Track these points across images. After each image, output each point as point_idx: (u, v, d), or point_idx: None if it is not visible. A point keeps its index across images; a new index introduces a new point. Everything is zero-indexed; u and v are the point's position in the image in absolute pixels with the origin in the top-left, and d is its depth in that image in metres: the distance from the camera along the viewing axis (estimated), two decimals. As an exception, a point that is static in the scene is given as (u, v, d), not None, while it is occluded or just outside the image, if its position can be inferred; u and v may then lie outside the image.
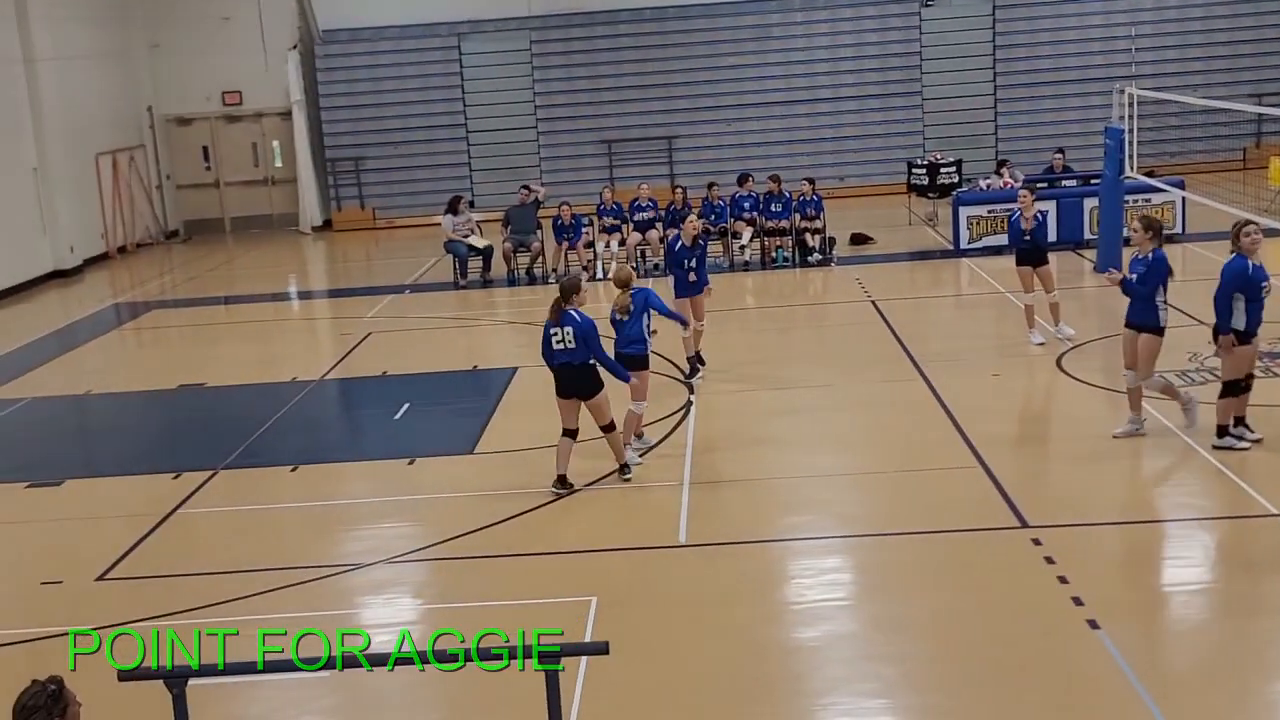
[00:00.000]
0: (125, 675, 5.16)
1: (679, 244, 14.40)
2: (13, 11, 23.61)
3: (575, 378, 10.91)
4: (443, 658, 5.36)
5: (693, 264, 14.31)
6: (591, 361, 10.90)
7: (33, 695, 4.87)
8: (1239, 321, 10.81)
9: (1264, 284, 10.87)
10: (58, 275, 24.34)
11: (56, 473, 12.61)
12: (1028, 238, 14.72)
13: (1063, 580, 8.77)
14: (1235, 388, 11.02)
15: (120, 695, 5.79)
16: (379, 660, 5.47)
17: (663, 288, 15.50)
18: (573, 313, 10.89)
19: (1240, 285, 10.78)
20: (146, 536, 10.76)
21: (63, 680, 4.93)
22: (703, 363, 14.60)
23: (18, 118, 23.72)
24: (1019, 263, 14.89)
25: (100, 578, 9.97)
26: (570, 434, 11.10)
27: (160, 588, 9.77)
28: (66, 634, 8.82)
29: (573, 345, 10.82)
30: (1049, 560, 9.11)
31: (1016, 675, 7.65)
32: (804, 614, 8.74)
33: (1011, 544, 9.52)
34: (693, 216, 15.19)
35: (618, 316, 11.74)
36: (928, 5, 28.67)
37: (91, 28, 26.82)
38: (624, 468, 11.29)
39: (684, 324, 13.65)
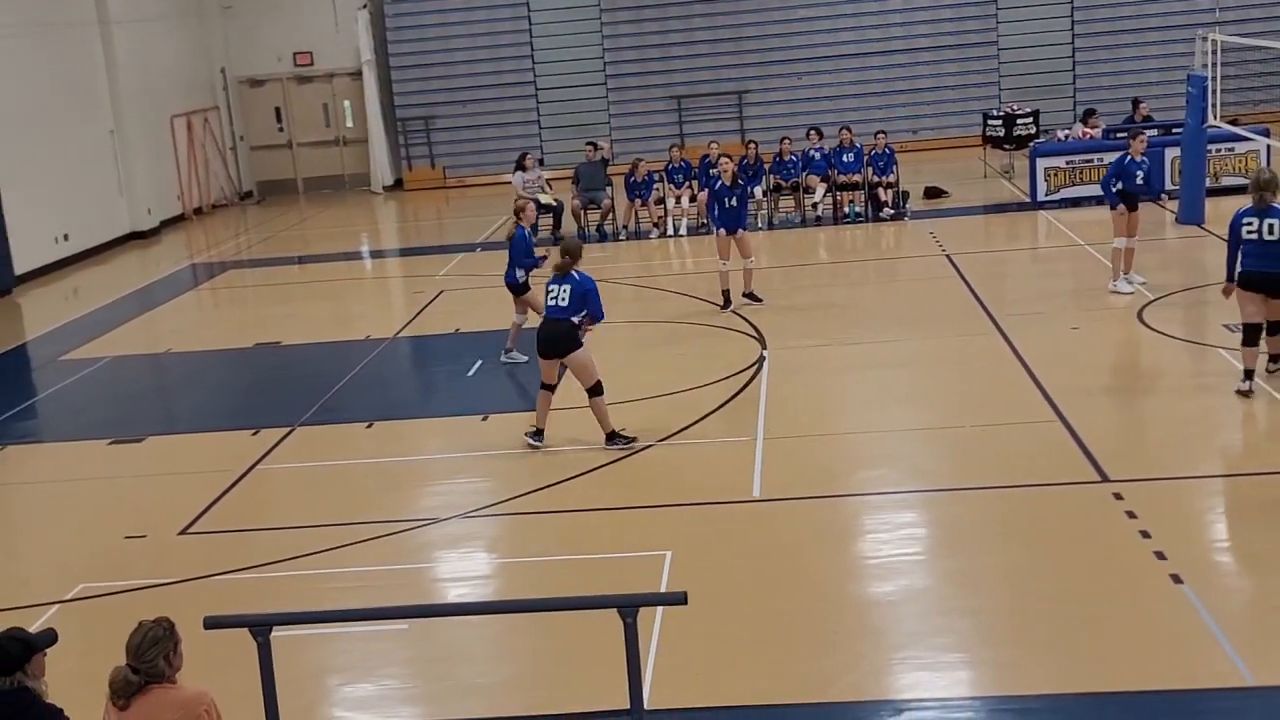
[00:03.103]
0: (211, 623, 5.24)
1: (719, 183, 15.50)
2: (88, -25, 23.86)
3: (557, 334, 11.06)
4: (521, 608, 5.37)
5: (733, 201, 15.40)
6: (575, 320, 11.05)
7: (150, 629, 5.13)
8: None
9: None
10: (136, 236, 24.67)
11: (138, 430, 12.81)
12: (1139, 181, 14.78)
13: (1145, 535, 8.64)
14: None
15: (206, 643, 5.87)
16: (457, 612, 5.50)
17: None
18: (574, 273, 11.11)
19: None
20: (226, 492, 10.92)
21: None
22: (759, 299, 15.58)
23: (94, 80, 24.02)
24: (1115, 205, 14.84)
25: (182, 532, 10.14)
26: (549, 389, 11.30)
27: (240, 542, 9.92)
28: (152, 586, 8.99)
29: (565, 303, 11.03)
30: (1130, 515, 8.97)
31: (1096, 630, 7.55)
32: (879, 568, 8.68)
33: (1092, 498, 9.39)
34: (725, 159, 16.30)
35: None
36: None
37: (165, -10, 27.06)
38: (612, 435, 11.20)
39: (537, 266, 13.84)
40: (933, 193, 22.26)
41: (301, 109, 29.88)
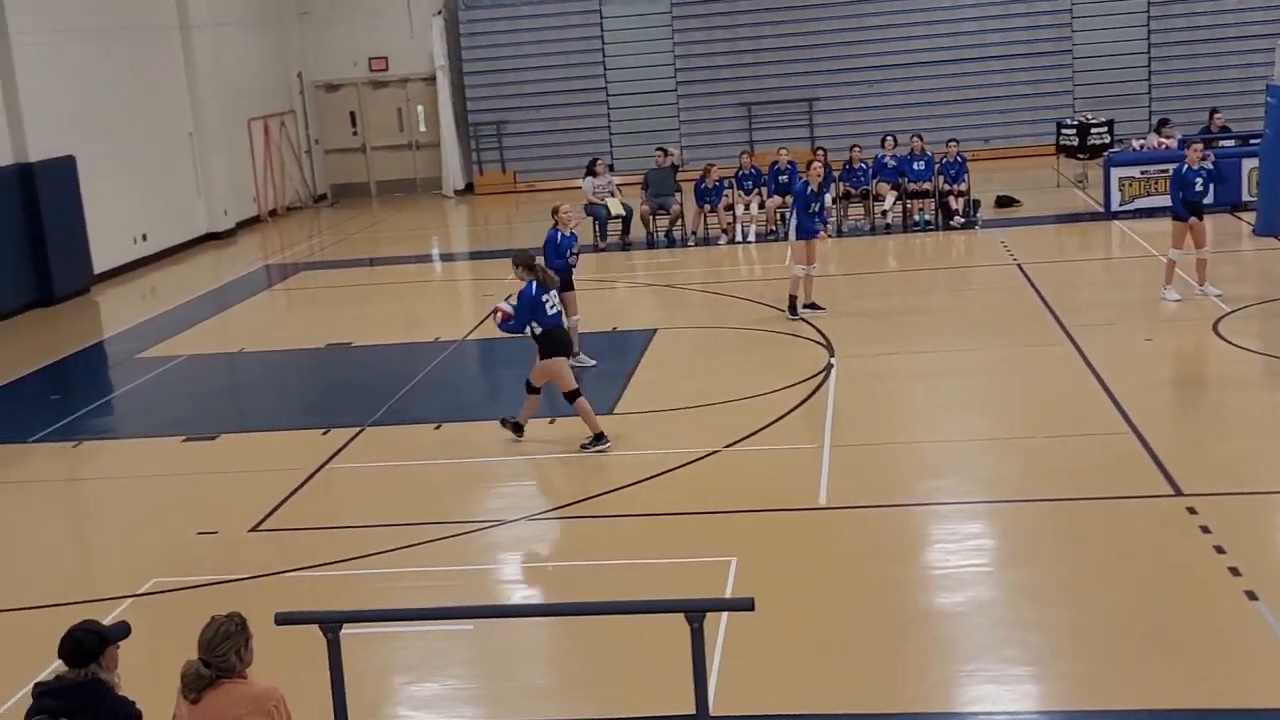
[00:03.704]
0: (282, 619, 5.30)
1: (808, 188, 15.36)
2: (169, -20, 24.28)
3: (567, 335, 11.87)
4: (587, 611, 5.38)
5: (816, 208, 15.44)
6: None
7: (222, 624, 5.21)
8: None
9: None
10: (212, 237, 25.04)
11: (211, 427, 12.99)
12: (1199, 189, 14.61)
13: (1219, 550, 8.50)
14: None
15: (274, 639, 5.94)
16: (523, 613, 5.53)
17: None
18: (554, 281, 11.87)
19: None
20: (297, 490, 11.04)
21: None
22: (821, 308, 15.42)
23: (174, 83, 24.42)
24: (1179, 216, 14.63)
25: (253, 529, 10.27)
26: (577, 393, 11.58)
27: (310, 540, 10.03)
28: (222, 582, 9.12)
29: (557, 306, 11.72)
30: (1204, 529, 8.83)
31: (1169, 646, 7.44)
32: (947, 579, 8.61)
33: (1164, 512, 9.25)
34: (816, 164, 16.07)
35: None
36: (1078, -40, 27.80)
37: (243, -5, 27.49)
38: (517, 426, 11.79)
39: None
40: (1004, 202, 22.05)
41: (376, 113, 30.20)
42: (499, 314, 11.87)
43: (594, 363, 13.96)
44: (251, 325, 18.25)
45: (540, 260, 13.06)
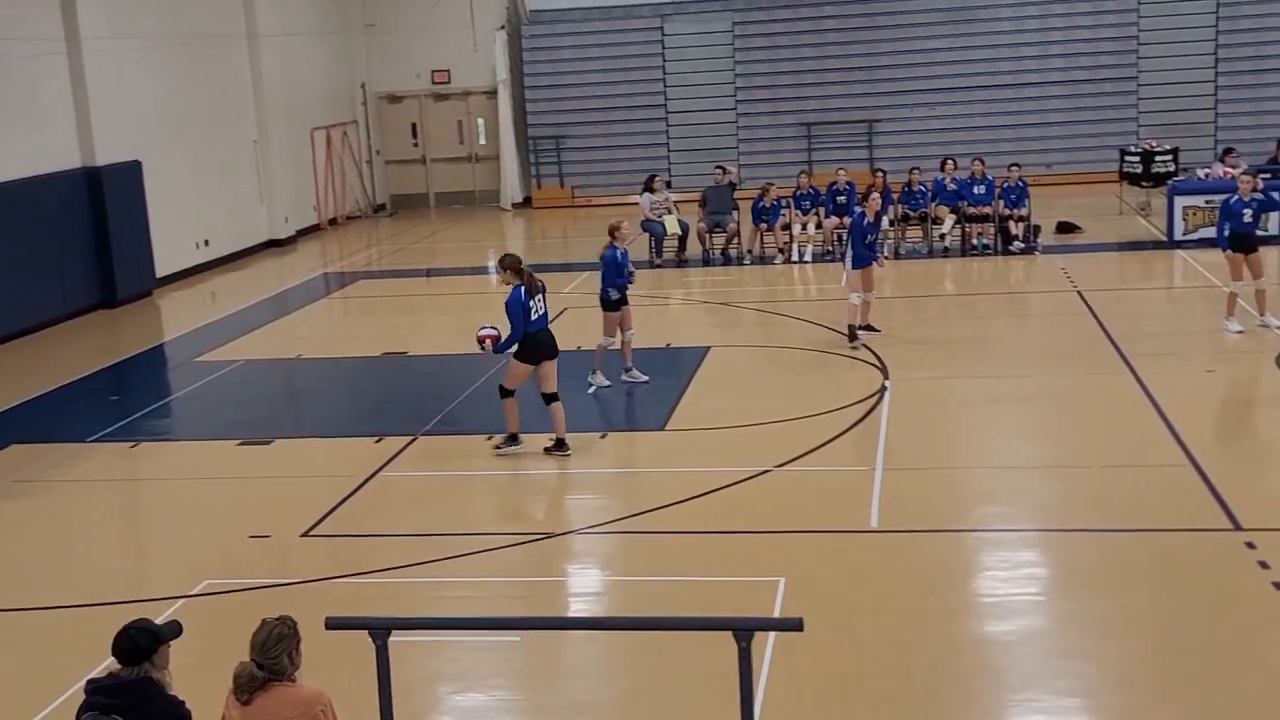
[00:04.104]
0: (332, 623, 5.33)
1: (865, 220, 15.23)
2: (239, -10, 24.63)
3: (551, 339, 11.88)
4: (635, 626, 5.37)
5: (873, 237, 15.44)
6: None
7: (275, 626, 5.26)
8: None
9: None
10: (273, 244, 25.30)
11: (267, 432, 13.10)
12: (1248, 220, 14.46)
13: (1278, 586, 8.35)
14: None
15: (324, 644, 5.98)
16: (573, 626, 5.52)
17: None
18: (540, 284, 11.93)
19: None
20: (349, 497, 11.11)
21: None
22: (876, 330, 15.43)
23: (240, 92, 24.73)
24: (1231, 248, 14.55)
25: (305, 534, 10.34)
26: (555, 395, 11.80)
27: (361, 546, 10.08)
28: (273, 586, 9.19)
29: (544, 309, 11.88)
30: (1263, 565, 8.69)
31: (1225, 682, 7.32)
32: (998, 607, 8.53)
33: (1222, 546, 9.12)
34: (875, 195, 16.16)
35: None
36: (1147, -13, 27.55)
37: (311, 7, 27.80)
38: (512, 436, 11.90)
39: (628, 283, 13.94)
40: (1065, 228, 21.86)
41: (436, 125, 30.42)
42: (488, 341, 11.83)
43: (646, 379, 13.97)
44: (309, 332, 18.41)
45: (605, 290, 13.21)
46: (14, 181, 18.15)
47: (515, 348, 11.75)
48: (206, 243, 23.19)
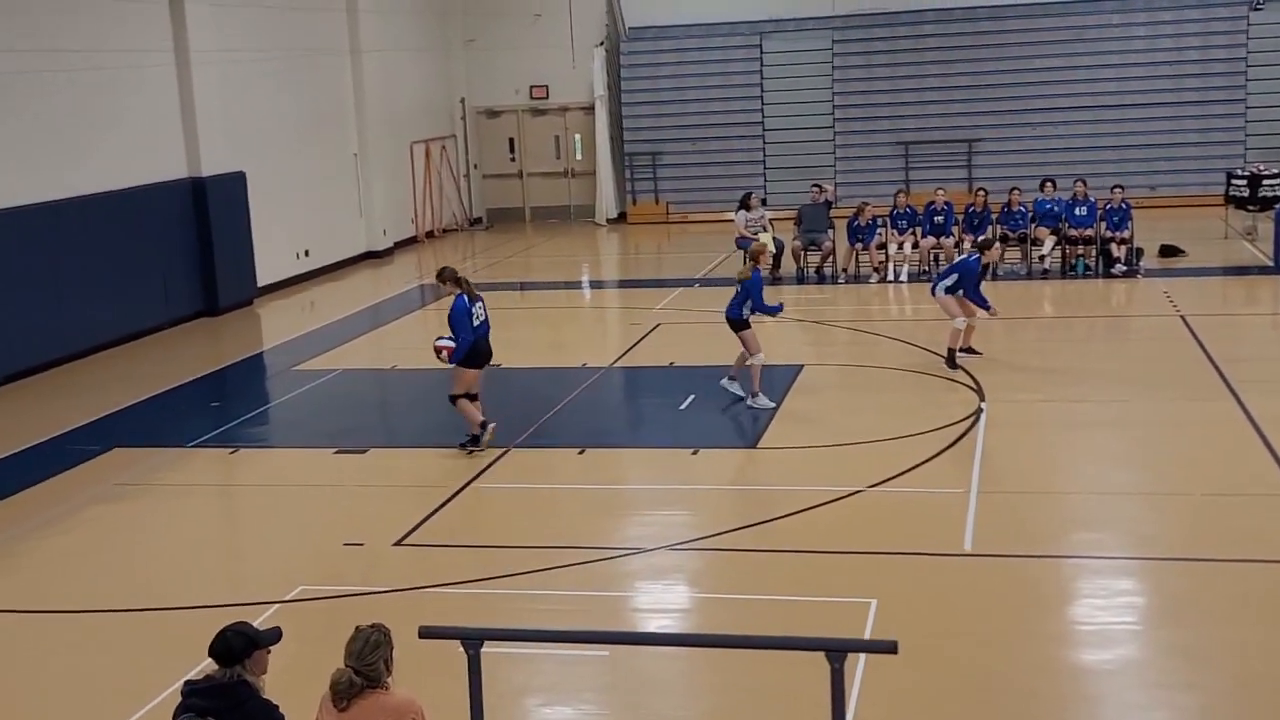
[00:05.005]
0: (425, 632, 5.36)
1: (980, 264, 15.14)
2: (344, 5, 25.02)
3: (490, 346, 12.60)
4: (726, 644, 5.34)
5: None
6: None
7: (371, 634, 5.32)
8: None
9: None
10: (370, 256, 25.65)
11: (362, 441, 13.26)
12: None
13: (1388, 623, 8.10)
14: None
15: (414, 653, 6.02)
16: (664, 642, 5.50)
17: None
18: (478, 294, 12.61)
19: None
20: (441, 507, 11.20)
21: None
22: (977, 353, 15.23)
23: (343, 106, 25.13)
24: None
25: (397, 543, 10.43)
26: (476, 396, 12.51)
27: (451, 557, 10.15)
28: (365, 594, 9.28)
29: (484, 316, 12.57)
30: (1373, 601, 8.43)
31: (1331, 720, 7.10)
32: (1095, 635, 8.36)
33: (1330, 580, 8.85)
34: (997, 245, 16.22)
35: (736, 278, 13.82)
36: (1258, 9, 26.97)
37: (413, 22, 28.20)
38: (475, 439, 12.39)
39: (773, 313, 14.08)
40: (1169, 251, 21.43)
41: (534, 140, 30.67)
42: (445, 353, 12.40)
43: (743, 395, 13.85)
44: (404, 343, 18.60)
45: (748, 310, 13.41)
46: (122, 191, 18.60)
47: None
48: (306, 253, 23.58)
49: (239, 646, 5.35)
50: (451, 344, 12.36)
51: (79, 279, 17.57)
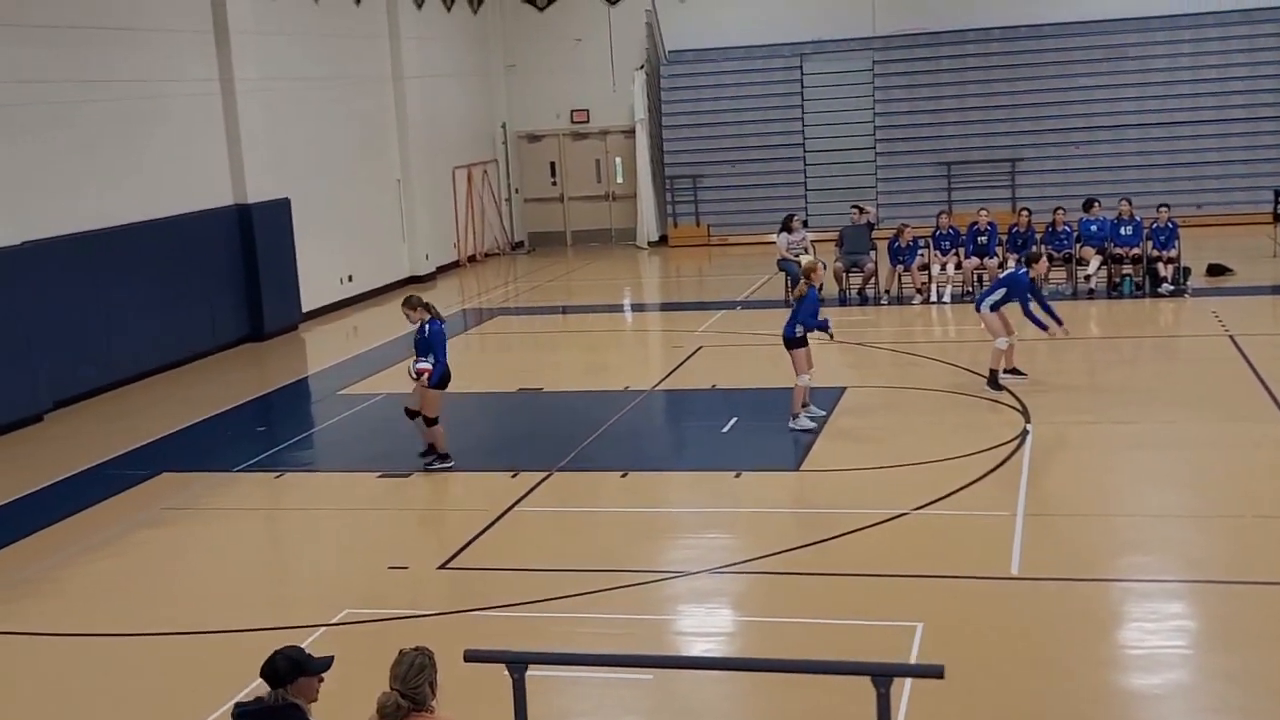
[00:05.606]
0: (470, 656, 5.37)
1: (1029, 278, 14.88)
2: (386, 32, 25.25)
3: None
4: (771, 668, 5.31)
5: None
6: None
7: (415, 657, 5.33)
8: None
9: None
10: (413, 280, 25.80)
11: (405, 465, 13.30)
12: None
13: None
14: None
15: (460, 676, 6.02)
16: (708, 666, 5.48)
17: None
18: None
19: None
20: (485, 531, 11.22)
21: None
22: (1023, 374, 15.02)
23: (386, 132, 25.35)
24: None
25: (441, 566, 10.46)
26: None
27: (495, 580, 10.16)
28: (410, 617, 9.30)
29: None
30: None
31: (1389, 746, 6.98)
32: (1144, 659, 8.25)
33: (1386, 603, 8.71)
34: (1044, 260, 15.84)
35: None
36: (1305, 24, 26.76)
37: (455, 49, 28.42)
38: (444, 456, 12.86)
39: (826, 330, 13.82)
40: (1216, 270, 21.23)
41: (575, 164, 30.81)
42: (424, 375, 12.66)
43: (813, 427, 13.67)
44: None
45: (800, 327, 13.33)
46: (170, 218, 18.82)
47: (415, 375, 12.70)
48: (350, 278, 23.75)
49: (284, 669, 5.38)
50: (430, 366, 12.65)
51: (127, 305, 17.77)
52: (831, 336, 14.14)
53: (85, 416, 16.35)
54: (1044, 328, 14.86)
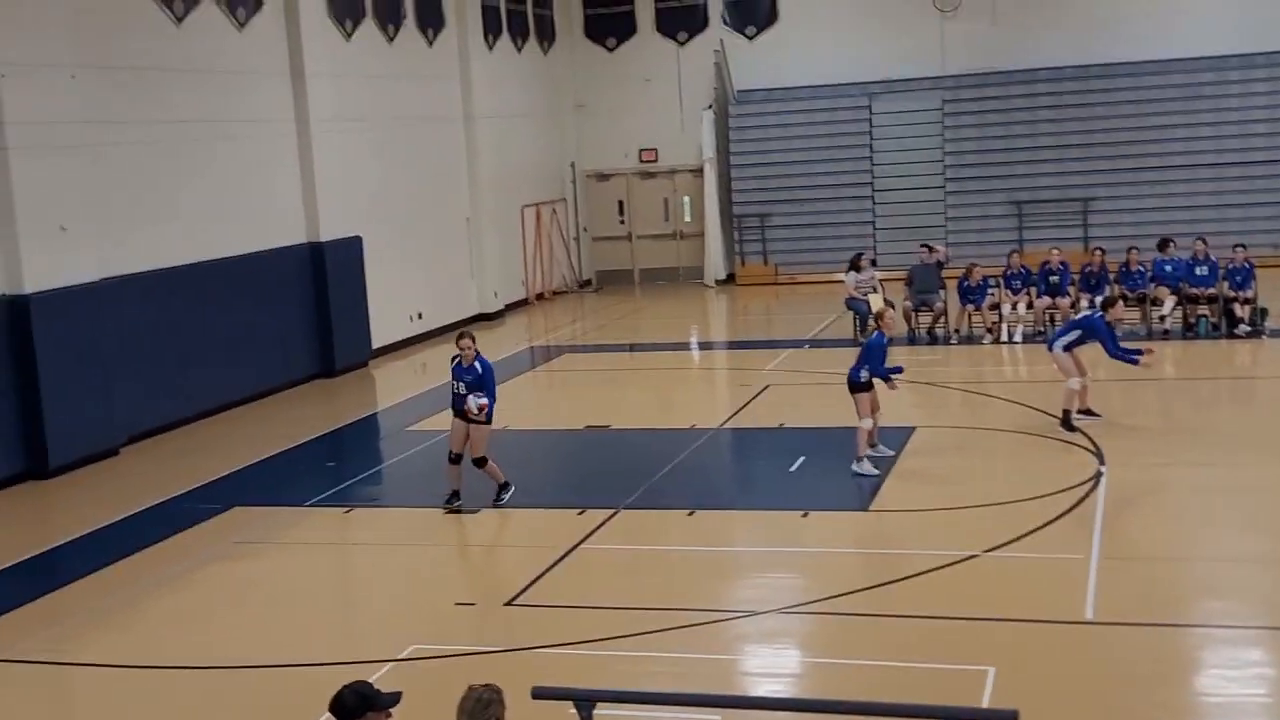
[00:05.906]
0: (538, 693, 5.36)
1: (1104, 321, 14.73)
2: (457, 73, 25.56)
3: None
4: (843, 709, 5.26)
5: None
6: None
7: (482, 693, 5.32)
8: None
9: None
10: (482, 318, 25.97)
11: (473, 502, 13.33)
12: None
13: None
14: None
15: (527, 713, 6.01)
16: (778, 707, 5.43)
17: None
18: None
19: None
20: (551, 568, 11.21)
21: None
22: (1097, 415, 14.83)
23: (456, 171, 25.62)
24: None
25: (508, 603, 10.46)
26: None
27: (562, 617, 10.14)
28: (477, 653, 9.31)
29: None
30: None
31: None
32: (1224, 708, 8.07)
33: None
34: (1120, 304, 15.61)
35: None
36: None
37: (525, 89, 28.69)
38: (505, 485, 12.95)
39: (887, 379, 13.61)
40: (1294, 310, 20.85)
41: (643, 203, 30.93)
42: (482, 410, 12.71)
43: (876, 473, 13.50)
44: (514, 404, 18.70)
45: (866, 372, 13.29)
46: (245, 255, 19.11)
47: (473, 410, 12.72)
48: (419, 315, 23.95)
49: (352, 704, 5.40)
50: (487, 402, 12.70)
51: (202, 342, 18.04)
52: (894, 388, 13.89)
53: (160, 451, 16.59)
54: (1135, 361, 14.60)
